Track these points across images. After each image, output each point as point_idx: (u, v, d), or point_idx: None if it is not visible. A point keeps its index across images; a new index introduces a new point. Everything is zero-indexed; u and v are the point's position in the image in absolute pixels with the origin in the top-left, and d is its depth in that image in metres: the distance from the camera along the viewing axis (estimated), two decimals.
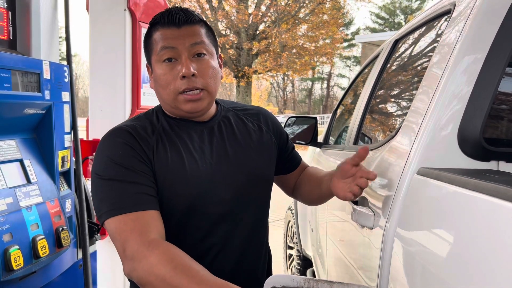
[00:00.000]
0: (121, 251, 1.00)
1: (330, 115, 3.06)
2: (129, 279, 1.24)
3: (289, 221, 3.72)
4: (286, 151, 1.39)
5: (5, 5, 1.55)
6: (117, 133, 1.13)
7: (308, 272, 3.10)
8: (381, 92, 1.79)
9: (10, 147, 1.41)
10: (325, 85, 47.47)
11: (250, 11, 20.81)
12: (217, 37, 1.25)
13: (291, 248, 3.62)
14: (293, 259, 3.52)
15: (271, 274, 1.30)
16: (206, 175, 1.15)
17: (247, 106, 1.36)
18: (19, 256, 1.27)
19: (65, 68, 1.64)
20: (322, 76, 46.25)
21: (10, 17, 1.57)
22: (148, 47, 1.18)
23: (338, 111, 2.90)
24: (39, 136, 1.54)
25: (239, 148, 1.22)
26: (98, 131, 2.40)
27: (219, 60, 1.22)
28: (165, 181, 1.11)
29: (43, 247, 1.36)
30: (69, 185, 1.66)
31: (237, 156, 1.20)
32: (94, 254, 1.87)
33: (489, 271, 0.65)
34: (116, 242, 1.02)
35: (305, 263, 3.27)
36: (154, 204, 1.07)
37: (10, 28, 1.58)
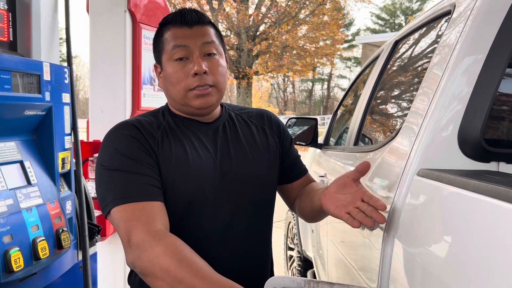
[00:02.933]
0: (126, 240, 1.00)
1: (330, 116, 3.06)
2: (128, 277, 1.24)
3: (290, 222, 3.72)
4: (289, 157, 1.35)
5: (6, 7, 1.55)
6: (123, 126, 1.15)
7: (309, 273, 3.10)
8: (381, 93, 1.79)
9: (10, 148, 1.41)
10: (325, 86, 47.49)
11: (250, 12, 20.82)
12: None
13: (292, 249, 3.62)
14: (293, 260, 3.52)
15: (272, 275, 1.30)
16: (209, 173, 1.15)
17: (251, 109, 1.37)
18: (19, 258, 1.27)
19: (66, 70, 1.64)
20: (323, 77, 46.26)
21: (10, 19, 1.57)
22: (158, 47, 1.20)
23: (339, 112, 2.90)
24: (39, 137, 1.54)
25: (242, 149, 1.22)
26: (98, 133, 2.41)
27: (226, 61, 1.25)
28: (168, 176, 1.12)
29: (43, 248, 1.36)
30: (69, 187, 1.65)
31: (240, 157, 1.21)
32: (94, 255, 1.86)
33: (490, 272, 0.65)
34: (120, 231, 1.02)
35: (306, 265, 3.27)
36: (160, 196, 1.08)
37: (11, 29, 1.58)
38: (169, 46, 1.15)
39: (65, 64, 1.75)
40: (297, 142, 2.70)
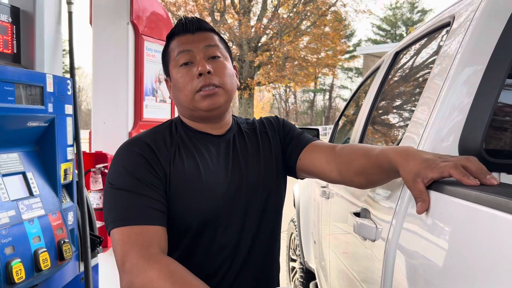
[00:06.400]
0: (120, 263, 0.99)
1: (332, 126, 3.06)
2: None
3: (292, 233, 3.70)
4: (292, 135, 1.30)
5: (10, 20, 1.57)
6: (135, 143, 1.13)
7: (311, 285, 3.08)
8: (382, 103, 1.80)
9: (13, 159, 1.41)
10: (327, 96, 47.60)
11: (252, 23, 20.96)
12: None
13: (294, 260, 3.60)
14: (296, 272, 3.50)
15: (278, 285, 1.29)
16: (222, 189, 1.14)
17: (254, 119, 1.37)
18: (20, 269, 1.27)
19: (68, 81, 1.65)
20: (324, 88, 46.40)
21: (14, 31, 1.59)
22: (165, 59, 1.23)
23: (340, 122, 2.90)
24: (42, 148, 1.54)
25: (251, 161, 1.22)
26: (100, 144, 2.41)
27: (235, 68, 1.26)
28: (181, 194, 1.10)
29: (45, 260, 1.36)
30: (71, 198, 1.66)
31: (250, 169, 1.20)
32: (96, 267, 1.86)
33: (491, 283, 0.65)
34: (116, 254, 1.01)
35: (308, 276, 3.25)
36: (160, 219, 1.05)
37: (14, 42, 1.59)
38: (174, 53, 1.19)
39: (68, 75, 1.76)
40: None
